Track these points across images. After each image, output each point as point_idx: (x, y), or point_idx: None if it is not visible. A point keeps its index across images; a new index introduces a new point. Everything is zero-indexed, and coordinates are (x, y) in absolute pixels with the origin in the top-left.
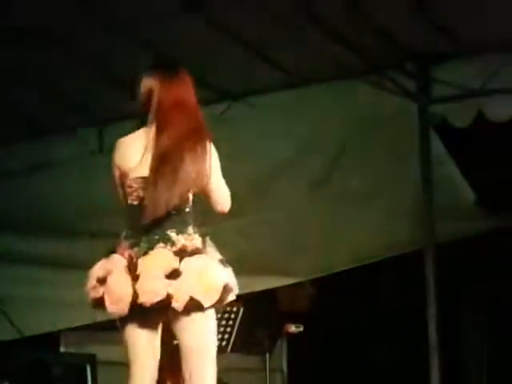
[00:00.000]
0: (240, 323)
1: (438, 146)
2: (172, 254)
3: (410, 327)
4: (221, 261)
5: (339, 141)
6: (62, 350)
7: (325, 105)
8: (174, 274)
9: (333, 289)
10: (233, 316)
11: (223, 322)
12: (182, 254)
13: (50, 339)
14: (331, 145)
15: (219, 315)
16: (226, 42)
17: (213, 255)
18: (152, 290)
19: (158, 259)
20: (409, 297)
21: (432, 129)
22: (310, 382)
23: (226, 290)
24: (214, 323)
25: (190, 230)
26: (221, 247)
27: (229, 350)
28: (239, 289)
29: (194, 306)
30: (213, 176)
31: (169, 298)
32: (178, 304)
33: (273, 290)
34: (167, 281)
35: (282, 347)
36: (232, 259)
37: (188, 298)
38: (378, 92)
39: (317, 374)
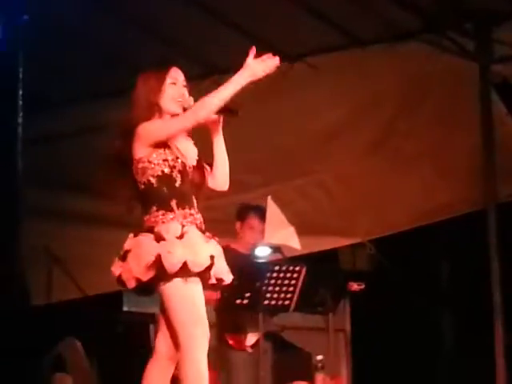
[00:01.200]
0: (303, 283)
1: (498, 105)
2: (133, 235)
3: (471, 288)
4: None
5: (396, 102)
6: (124, 309)
7: (383, 66)
8: (124, 256)
9: (394, 249)
10: (295, 276)
11: (286, 282)
12: (137, 233)
13: (114, 299)
14: (388, 106)
15: (282, 275)
16: (285, 1)
17: (173, 231)
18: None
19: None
20: (470, 258)
21: (493, 89)
22: (373, 341)
23: (163, 262)
24: (179, 293)
25: (154, 209)
26: (282, 207)
27: (291, 309)
28: (302, 248)
29: (140, 283)
30: None
31: (119, 278)
32: (128, 283)
33: (335, 250)
34: (120, 262)
35: (344, 307)
36: (293, 219)
37: (132, 276)
38: (437, 53)
39: (379, 333)
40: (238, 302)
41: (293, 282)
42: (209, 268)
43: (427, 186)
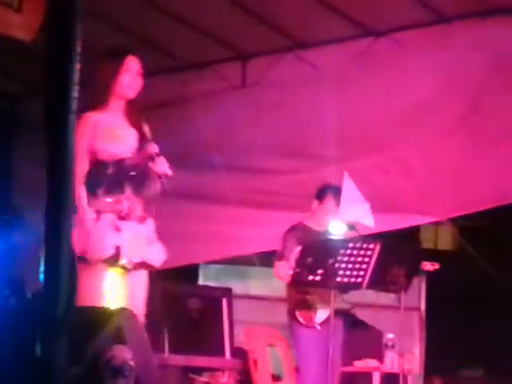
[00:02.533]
0: (376, 261)
1: None
2: None
3: None
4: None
5: (482, 80)
6: (200, 282)
7: (469, 42)
8: None
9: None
10: (369, 253)
11: (359, 259)
12: None
13: (190, 273)
14: (474, 84)
15: (355, 252)
16: None
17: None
18: None
19: None
20: None
21: None
22: (448, 321)
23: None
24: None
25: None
26: (359, 183)
27: (364, 287)
28: (375, 226)
29: None
30: None
31: None
32: None
33: (417, 228)
34: None
35: (420, 286)
36: (370, 195)
37: None
38: None
39: (454, 313)
40: (311, 278)
41: (366, 259)
42: (113, 257)
43: (502, 167)
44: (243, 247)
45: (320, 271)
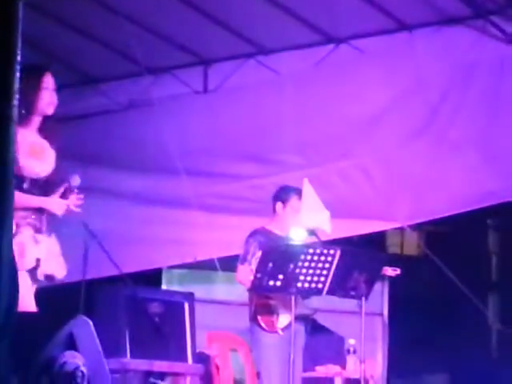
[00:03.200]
0: (337, 267)
1: None
2: None
3: None
4: None
5: (442, 87)
6: (163, 287)
7: (429, 50)
8: None
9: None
10: (329, 259)
11: (319, 265)
12: None
13: (153, 277)
14: (434, 91)
15: (315, 258)
16: None
17: None
18: None
19: None
20: None
21: None
22: (411, 326)
23: None
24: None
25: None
26: (319, 189)
27: (324, 292)
28: (337, 232)
29: None
30: None
31: None
32: None
33: (379, 234)
34: None
35: (383, 291)
36: (332, 201)
37: None
38: (483, 39)
39: (417, 318)
40: (271, 283)
41: (326, 265)
42: (35, 268)
43: (472, 172)
44: (204, 252)
45: (280, 277)
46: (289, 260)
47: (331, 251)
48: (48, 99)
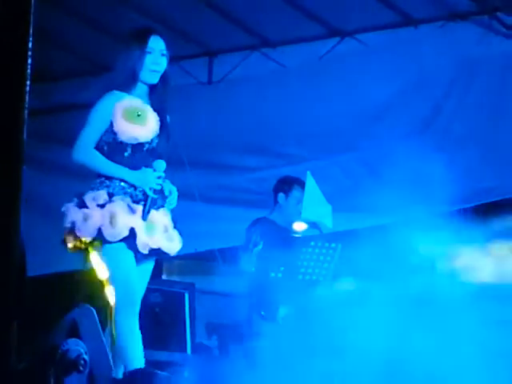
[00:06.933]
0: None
1: None
2: None
3: None
4: None
5: (446, 82)
6: (164, 277)
7: (434, 46)
8: None
9: None
10: (331, 252)
11: (321, 258)
12: None
13: (154, 268)
14: (438, 87)
15: (317, 250)
16: None
17: None
18: None
19: None
20: None
21: None
22: None
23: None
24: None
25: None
26: (322, 182)
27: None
28: (339, 225)
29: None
30: None
31: None
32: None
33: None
34: None
35: None
36: (333, 195)
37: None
38: (488, 35)
39: None
40: (273, 275)
41: (328, 258)
42: (127, 238)
43: (472, 167)
44: (207, 242)
45: (282, 268)
46: (290, 252)
47: (332, 244)
48: (147, 65)
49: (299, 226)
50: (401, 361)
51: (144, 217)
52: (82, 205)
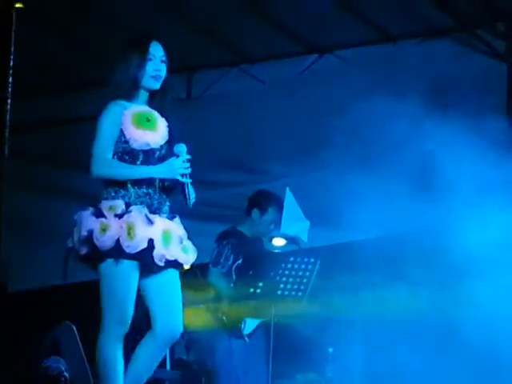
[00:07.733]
0: (317, 275)
1: None
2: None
3: None
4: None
5: (424, 99)
6: None
7: (413, 62)
8: None
9: None
10: (310, 267)
11: (300, 273)
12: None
13: None
14: (415, 102)
15: (296, 266)
16: None
17: None
18: None
19: None
20: None
21: None
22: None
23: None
24: (109, 274)
25: (110, 183)
26: (303, 198)
27: (304, 300)
28: (317, 241)
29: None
30: None
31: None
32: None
33: None
34: None
35: None
36: (313, 211)
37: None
38: (468, 52)
39: None
40: (252, 291)
41: (307, 273)
42: (145, 250)
43: None
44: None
45: (261, 284)
46: (269, 267)
47: (311, 259)
48: (148, 71)
49: (278, 242)
50: None
51: (189, 202)
52: (99, 214)
